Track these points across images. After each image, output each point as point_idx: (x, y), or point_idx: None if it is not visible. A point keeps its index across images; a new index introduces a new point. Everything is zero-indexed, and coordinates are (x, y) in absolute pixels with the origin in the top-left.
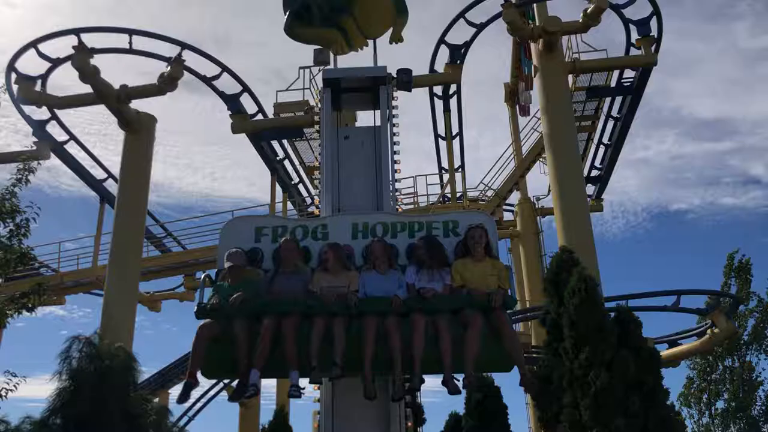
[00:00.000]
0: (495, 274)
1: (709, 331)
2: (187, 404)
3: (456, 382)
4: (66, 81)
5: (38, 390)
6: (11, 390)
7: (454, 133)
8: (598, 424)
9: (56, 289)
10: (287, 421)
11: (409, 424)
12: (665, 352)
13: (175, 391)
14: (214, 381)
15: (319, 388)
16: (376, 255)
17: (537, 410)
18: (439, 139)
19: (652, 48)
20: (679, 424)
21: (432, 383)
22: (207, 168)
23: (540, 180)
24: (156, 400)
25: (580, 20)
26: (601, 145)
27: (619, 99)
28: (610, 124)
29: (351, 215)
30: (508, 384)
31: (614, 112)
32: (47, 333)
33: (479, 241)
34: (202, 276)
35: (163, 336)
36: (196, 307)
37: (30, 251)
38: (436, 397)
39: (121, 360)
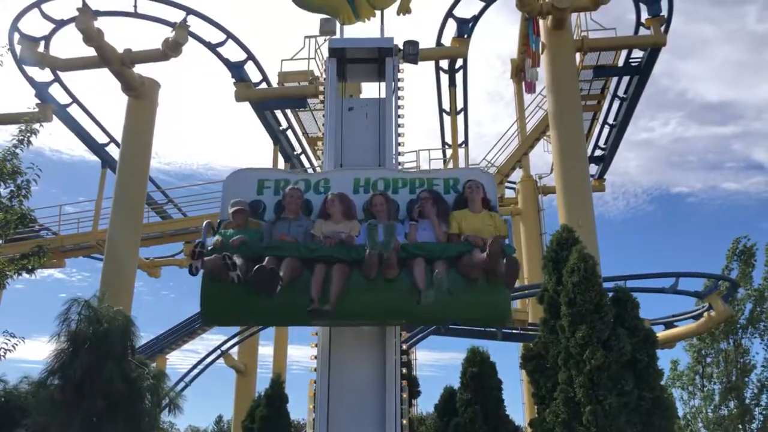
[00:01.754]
0: (492, 224)
1: (706, 314)
2: (183, 370)
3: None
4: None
5: (36, 351)
6: (10, 350)
7: (458, 109)
8: (592, 402)
9: (56, 252)
10: (283, 389)
11: (404, 395)
12: (661, 333)
13: (173, 357)
14: (210, 349)
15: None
16: (377, 208)
17: (531, 386)
18: (444, 114)
19: (662, 28)
20: (671, 403)
21: (427, 357)
22: (208, 136)
23: (543, 158)
24: (153, 365)
25: None
26: (606, 125)
27: (626, 79)
28: (616, 104)
29: (353, 170)
30: (503, 360)
31: (620, 92)
32: (46, 295)
33: (476, 193)
34: (205, 222)
35: (161, 302)
36: (194, 243)
37: (30, 213)
38: (432, 370)
39: (119, 324)
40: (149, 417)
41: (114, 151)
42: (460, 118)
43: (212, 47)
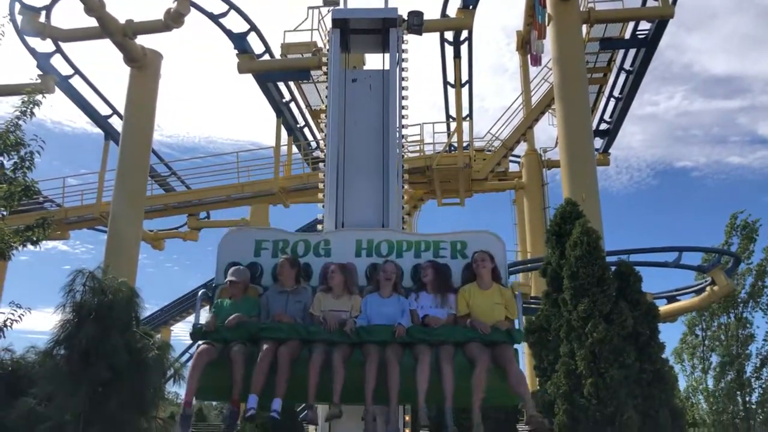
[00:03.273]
0: (502, 303)
1: (708, 288)
2: (188, 342)
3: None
4: (71, 15)
5: (41, 323)
6: (16, 321)
7: (463, 81)
8: (593, 374)
9: (60, 224)
10: None
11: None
12: (663, 307)
13: (177, 328)
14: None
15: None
16: (387, 274)
17: (533, 359)
18: (448, 87)
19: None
20: (671, 375)
21: None
22: (211, 109)
23: (548, 132)
24: (158, 336)
25: None
26: (612, 98)
27: (632, 52)
28: (622, 77)
29: (355, 231)
30: None
31: (627, 65)
32: (50, 267)
33: (484, 267)
34: (199, 293)
35: (165, 274)
36: (192, 329)
37: (34, 184)
38: None
39: (124, 295)
40: (154, 387)
41: (117, 123)
42: (465, 90)
43: (214, 18)
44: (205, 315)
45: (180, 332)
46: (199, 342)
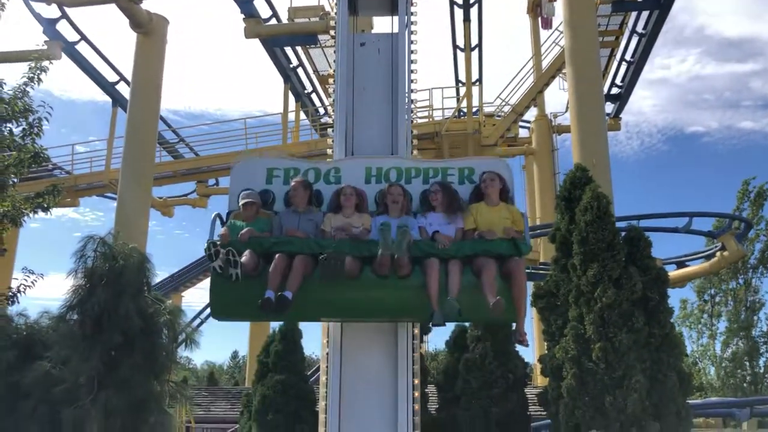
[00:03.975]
0: (509, 218)
1: (718, 253)
2: (199, 307)
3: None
4: None
5: (53, 289)
6: (29, 286)
7: (472, 45)
8: (602, 339)
9: (70, 191)
10: (297, 325)
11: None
12: (673, 272)
13: (188, 294)
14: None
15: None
16: (394, 198)
17: (542, 323)
18: (457, 51)
19: None
20: (680, 341)
21: None
22: (218, 75)
23: (558, 97)
24: (169, 301)
25: None
26: (623, 62)
27: (644, 14)
28: (634, 40)
29: (365, 159)
30: None
31: (639, 28)
32: (61, 235)
33: (493, 185)
34: (213, 215)
35: (175, 241)
36: (205, 245)
37: (44, 151)
38: None
39: (135, 261)
40: (166, 351)
41: (124, 90)
42: (475, 54)
43: None
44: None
45: (191, 298)
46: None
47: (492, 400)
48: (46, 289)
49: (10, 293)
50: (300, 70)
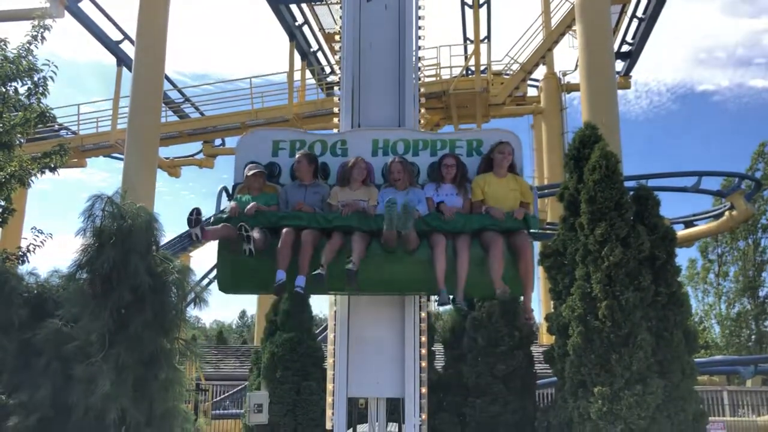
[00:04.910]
0: (517, 189)
1: (727, 213)
2: (209, 265)
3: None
4: None
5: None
6: (39, 246)
7: (481, 2)
8: (608, 297)
9: (77, 152)
10: None
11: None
12: (682, 232)
13: (196, 253)
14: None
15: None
16: (394, 176)
17: (549, 282)
18: (465, 8)
19: None
20: (686, 299)
21: None
22: (222, 35)
23: (568, 54)
24: (178, 261)
25: None
26: (635, 19)
27: None
28: None
29: (371, 130)
30: None
31: None
32: (68, 196)
33: (506, 156)
34: (219, 188)
35: (182, 202)
36: (212, 218)
37: (50, 110)
38: None
39: (143, 220)
40: (175, 309)
41: (129, 50)
42: (483, 11)
43: None
44: (225, 207)
45: (199, 258)
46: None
47: (498, 358)
48: (55, 250)
49: (20, 253)
50: (306, 28)
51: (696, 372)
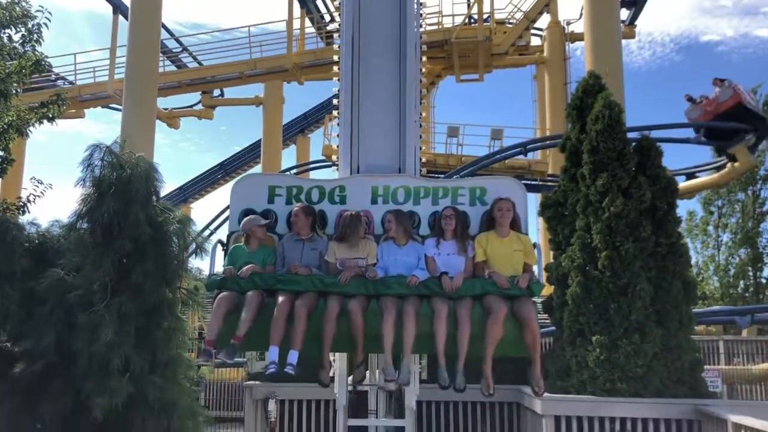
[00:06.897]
0: (521, 250)
1: (729, 164)
2: (209, 217)
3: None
4: None
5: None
6: (39, 196)
7: None
8: (608, 247)
9: (74, 102)
10: None
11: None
12: (683, 183)
13: (197, 204)
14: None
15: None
16: (390, 229)
17: (549, 233)
18: None
19: None
20: (685, 250)
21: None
22: None
23: (572, 3)
24: (178, 211)
25: None
26: None
27: None
28: None
29: (370, 177)
30: None
31: None
32: (67, 148)
33: (506, 214)
34: (214, 242)
35: (182, 154)
36: (207, 279)
37: (45, 58)
38: None
39: (142, 169)
40: (177, 259)
41: None
42: None
43: None
44: (220, 262)
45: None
46: (216, 291)
47: None
48: (55, 201)
49: (21, 203)
50: None
51: (694, 321)
